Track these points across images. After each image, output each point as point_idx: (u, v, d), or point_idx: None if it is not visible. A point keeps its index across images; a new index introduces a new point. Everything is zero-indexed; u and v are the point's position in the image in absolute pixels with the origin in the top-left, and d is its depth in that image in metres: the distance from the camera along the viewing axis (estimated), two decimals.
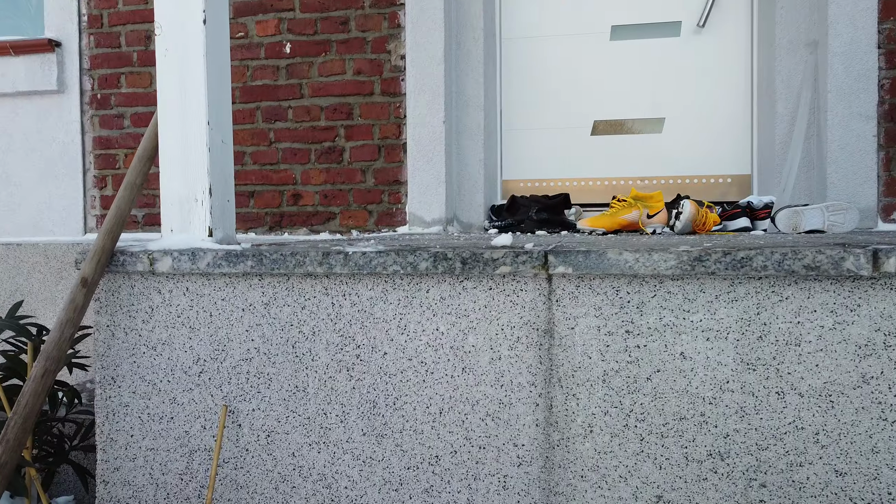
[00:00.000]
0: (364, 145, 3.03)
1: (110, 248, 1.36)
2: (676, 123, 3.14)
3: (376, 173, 3.03)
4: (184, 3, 1.28)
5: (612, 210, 2.24)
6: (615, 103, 3.20)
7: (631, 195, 2.26)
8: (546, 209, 2.60)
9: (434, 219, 2.95)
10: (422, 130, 2.95)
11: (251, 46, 3.12)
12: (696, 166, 3.14)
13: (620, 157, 3.20)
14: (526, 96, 3.27)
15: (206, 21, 1.27)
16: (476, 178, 3.06)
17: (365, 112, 3.02)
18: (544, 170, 3.28)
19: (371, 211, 3.04)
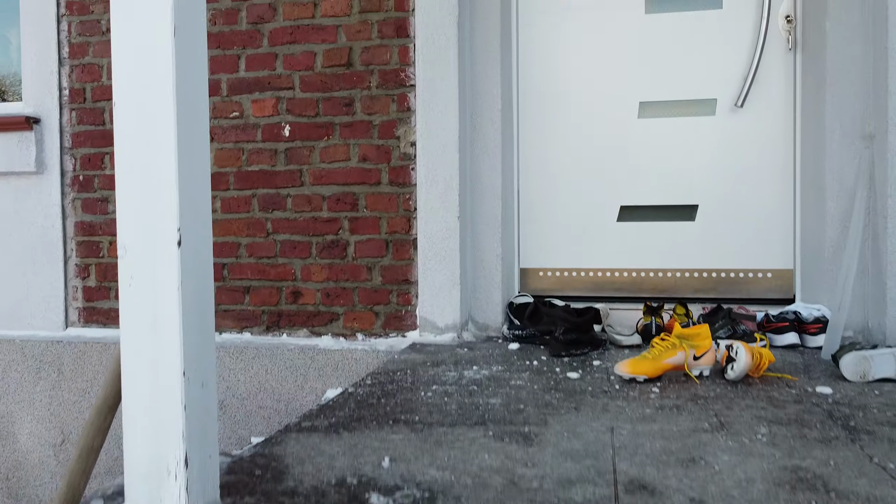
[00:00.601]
0: (370, 240, 2.76)
1: None
2: (710, 211, 2.87)
3: (384, 271, 2.76)
4: (153, 224, 1.01)
5: (654, 352, 1.97)
6: (643, 187, 2.93)
7: (674, 334, 1.99)
8: (574, 328, 2.33)
9: (447, 324, 2.68)
10: (434, 226, 2.67)
11: (247, 128, 2.85)
12: (731, 258, 2.87)
13: (648, 247, 2.93)
14: (546, 181, 3.00)
15: (181, 242, 1.00)
16: (493, 274, 2.79)
17: (371, 203, 2.75)
18: (565, 258, 3.01)
19: (378, 312, 2.77)
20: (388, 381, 2.01)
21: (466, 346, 2.53)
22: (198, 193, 1.07)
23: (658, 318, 2.58)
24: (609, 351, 2.42)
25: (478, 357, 2.34)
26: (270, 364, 2.75)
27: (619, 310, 2.84)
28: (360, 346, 2.70)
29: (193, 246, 1.02)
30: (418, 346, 2.55)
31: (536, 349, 2.48)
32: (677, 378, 2.00)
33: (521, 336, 2.60)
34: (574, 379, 2.01)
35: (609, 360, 2.26)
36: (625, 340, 2.50)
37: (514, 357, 2.33)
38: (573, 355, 2.35)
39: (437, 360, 2.30)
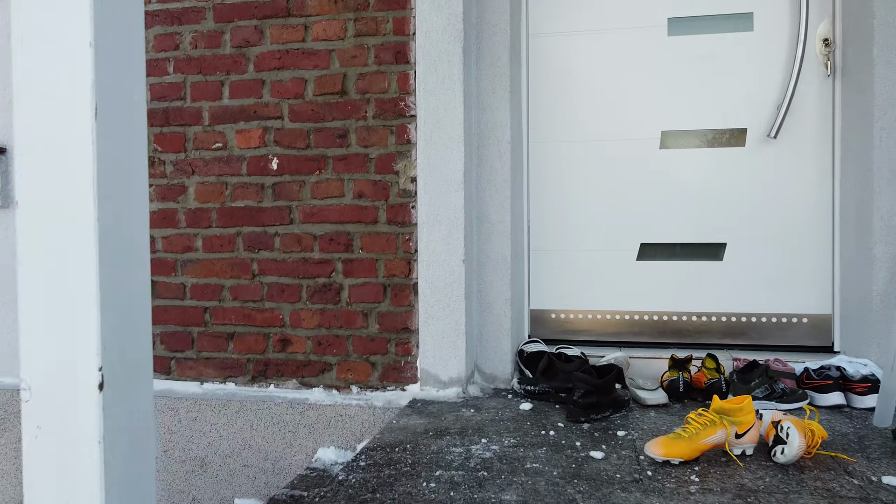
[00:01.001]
0: (366, 284, 2.51)
1: None
2: (740, 250, 2.62)
3: (381, 318, 2.50)
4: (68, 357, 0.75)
5: (690, 430, 1.72)
6: (665, 224, 2.68)
7: (713, 408, 1.74)
8: (595, 391, 2.08)
9: (451, 378, 2.42)
10: (437, 270, 2.42)
11: (231, 160, 2.60)
12: (763, 302, 2.61)
13: (671, 288, 2.68)
14: (559, 217, 2.75)
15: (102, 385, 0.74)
16: (501, 321, 2.53)
17: (367, 244, 2.50)
18: (581, 300, 2.76)
19: (375, 363, 2.51)
20: (385, 463, 1.75)
21: (473, 406, 2.27)
22: (131, 302, 0.81)
23: (685, 373, 2.32)
24: (633, 413, 2.17)
25: (486, 422, 2.08)
26: (256, 419, 2.49)
27: (641, 358, 2.59)
28: (355, 400, 2.45)
29: (123, 387, 0.77)
30: (419, 405, 2.29)
31: (551, 409, 2.22)
32: (716, 458, 1.75)
33: (533, 392, 2.35)
34: (598, 460, 1.76)
35: (635, 427, 2.00)
36: (649, 398, 2.24)
37: (528, 423, 2.08)
38: (593, 420, 2.09)
39: (440, 427, 2.05)
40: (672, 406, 2.25)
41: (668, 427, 2.02)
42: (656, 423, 2.05)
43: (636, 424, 2.05)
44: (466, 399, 2.36)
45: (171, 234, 2.66)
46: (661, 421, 2.08)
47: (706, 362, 2.35)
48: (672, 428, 2.01)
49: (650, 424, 2.05)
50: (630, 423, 2.07)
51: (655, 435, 1.95)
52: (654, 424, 2.04)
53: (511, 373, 2.55)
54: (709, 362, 2.35)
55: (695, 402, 2.29)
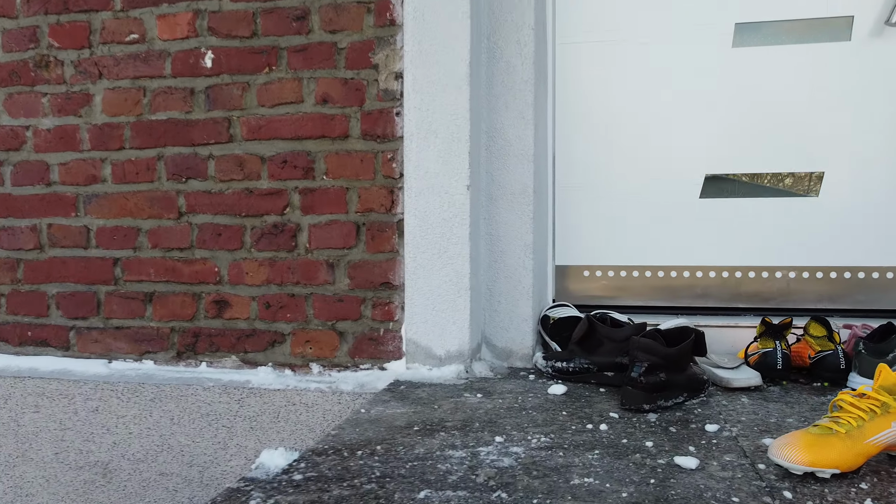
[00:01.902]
0: (332, 223, 1.81)
1: None
2: (843, 181, 1.93)
3: (352, 270, 1.81)
4: None
5: (844, 421, 1.02)
6: (739, 148, 1.98)
7: (881, 384, 1.04)
8: (664, 365, 1.38)
9: (449, 352, 1.73)
10: (430, 201, 1.73)
11: (150, 57, 1.90)
12: (875, 253, 1.92)
13: (747, 235, 1.99)
14: (596, 137, 2.06)
15: None
16: (519, 276, 1.84)
17: (334, 167, 1.81)
18: (623, 251, 2.06)
19: (343, 332, 1.82)
20: (337, 476, 1.06)
21: (480, 390, 1.58)
22: None
23: (783, 342, 1.62)
24: (716, 398, 1.47)
25: (501, 413, 1.39)
26: (179, 410, 1.80)
27: (709, 327, 1.89)
28: (315, 383, 1.75)
29: None
30: (403, 388, 1.60)
31: (594, 393, 1.53)
32: (884, 466, 1.05)
33: (566, 370, 1.65)
34: (691, 471, 1.06)
35: (729, 419, 1.31)
36: (735, 379, 1.55)
37: (564, 413, 1.38)
38: (662, 408, 1.40)
39: (431, 419, 1.35)
40: (768, 389, 1.56)
41: (778, 419, 1.32)
42: (758, 414, 1.36)
43: (729, 415, 1.35)
44: (470, 381, 1.67)
45: (70, 159, 1.96)
46: (762, 410, 1.38)
47: (811, 328, 1.65)
48: (785, 420, 1.31)
49: (749, 415, 1.35)
50: (718, 412, 1.37)
51: (762, 430, 1.25)
52: (756, 415, 1.35)
53: (532, 347, 1.85)
54: (815, 328, 1.65)
55: (798, 385, 1.60)
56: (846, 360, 1.58)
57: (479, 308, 1.82)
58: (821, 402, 1.45)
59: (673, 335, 1.50)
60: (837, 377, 1.57)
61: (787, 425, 1.28)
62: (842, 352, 1.58)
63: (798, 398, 1.48)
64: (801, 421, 1.31)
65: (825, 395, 1.50)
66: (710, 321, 1.92)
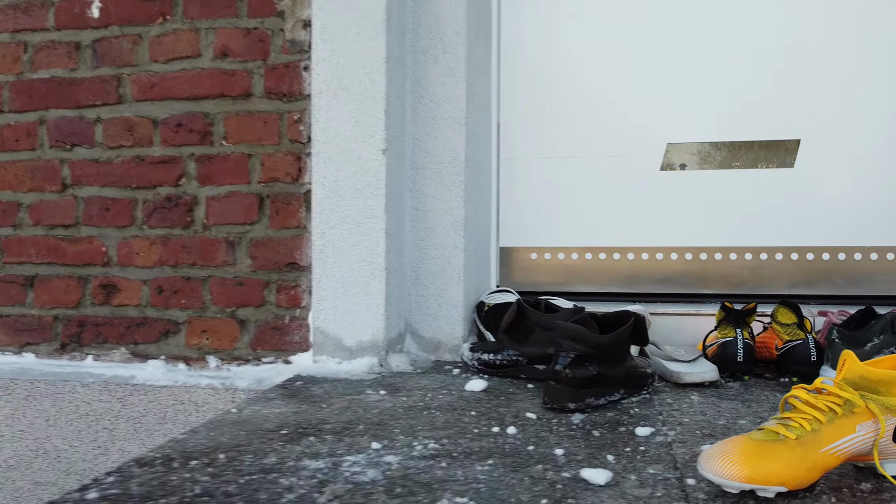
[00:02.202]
0: (232, 194, 1.58)
1: None
2: (821, 151, 1.70)
3: (255, 249, 1.58)
4: None
5: (796, 424, 0.79)
6: (705, 114, 1.75)
7: (845, 377, 0.80)
8: (595, 355, 1.15)
9: (362, 343, 1.49)
10: (341, 167, 1.49)
11: (32, 7, 1.67)
12: (858, 232, 1.69)
13: (714, 211, 1.75)
14: (542, 103, 1.83)
15: None
16: (450, 255, 1.60)
17: (235, 131, 1.58)
18: (576, 231, 1.83)
19: (245, 321, 1.59)
20: (144, 496, 0.82)
21: (388, 386, 1.34)
22: None
23: (745, 332, 1.39)
24: (661, 396, 1.24)
25: (397, 413, 1.15)
26: (56, 409, 1.57)
27: (667, 315, 1.66)
28: (209, 378, 1.52)
29: None
30: (299, 385, 1.36)
31: (521, 390, 1.29)
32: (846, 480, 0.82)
33: (492, 363, 1.42)
34: (600, 487, 0.82)
35: (668, 422, 1.07)
36: (688, 373, 1.31)
37: (472, 412, 1.15)
38: (591, 408, 1.16)
39: (310, 421, 1.12)
40: (726, 385, 1.32)
41: (729, 420, 1.09)
42: (706, 415, 1.13)
43: (670, 415, 1.12)
44: (382, 376, 1.43)
45: None
46: (712, 410, 1.15)
47: (779, 315, 1.42)
48: (737, 422, 1.08)
49: (695, 416, 1.12)
50: (658, 412, 1.14)
51: (705, 434, 1.02)
52: (704, 416, 1.12)
53: (463, 337, 1.62)
54: (784, 314, 1.41)
55: (763, 381, 1.37)
56: (818, 350, 1.34)
57: (402, 293, 1.58)
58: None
59: (610, 321, 1.27)
60: (808, 371, 1.34)
61: (739, 428, 1.05)
62: (813, 341, 1.35)
63: (759, 396, 1.25)
64: (755, 423, 1.07)
65: None
66: (672, 308, 1.69)
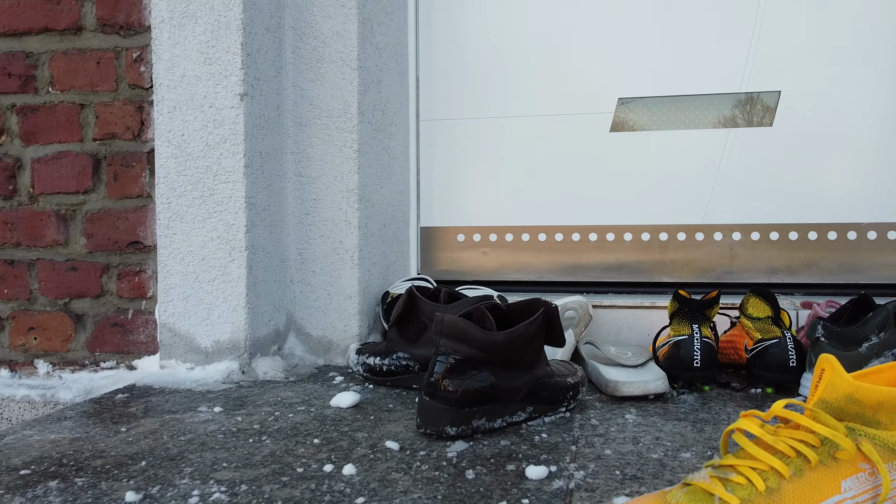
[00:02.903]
0: (62, 155, 1.26)
1: None
2: (806, 106, 1.37)
3: (90, 225, 1.25)
4: None
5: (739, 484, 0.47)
6: (665, 61, 1.43)
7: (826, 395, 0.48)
8: (491, 360, 0.82)
9: (219, 343, 1.17)
10: (190, 117, 1.17)
11: None
12: (852, 205, 1.36)
13: (675, 181, 1.43)
14: (478, 56, 1.51)
15: None
16: (342, 233, 1.28)
17: (63, 74, 1.25)
18: (507, 209, 1.51)
19: (81, 316, 1.26)
20: None
21: (234, 400, 1.02)
22: None
23: (705, 328, 1.06)
24: (587, 414, 0.91)
25: (213, 441, 0.83)
26: None
27: (616, 308, 1.34)
28: (29, 389, 1.20)
29: None
30: (123, 398, 1.04)
31: (402, 406, 0.97)
32: None
33: (378, 370, 1.09)
34: None
35: (584, 454, 0.75)
36: (628, 383, 0.99)
37: (316, 441, 0.82)
38: (481, 433, 0.84)
39: (83, 453, 0.79)
40: (677, 399, 1.00)
41: (668, 453, 0.76)
42: (639, 443, 0.80)
43: (589, 444, 0.79)
44: (240, 386, 1.11)
45: None
46: (648, 437, 0.83)
47: (749, 306, 1.10)
48: (678, 455, 0.76)
49: (623, 446, 0.79)
50: (572, 439, 0.81)
51: (629, 476, 0.69)
52: (634, 447, 0.79)
53: (363, 335, 1.29)
54: (755, 305, 1.09)
55: (728, 392, 1.05)
56: (799, 352, 1.02)
57: (280, 280, 1.26)
58: None
59: (521, 312, 0.94)
60: (786, 378, 1.02)
61: (678, 466, 0.73)
62: (792, 340, 1.03)
63: (718, 414, 0.92)
64: (704, 458, 0.75)
65: (764, 409, 0.94)
66: (623, 300, 1.36)
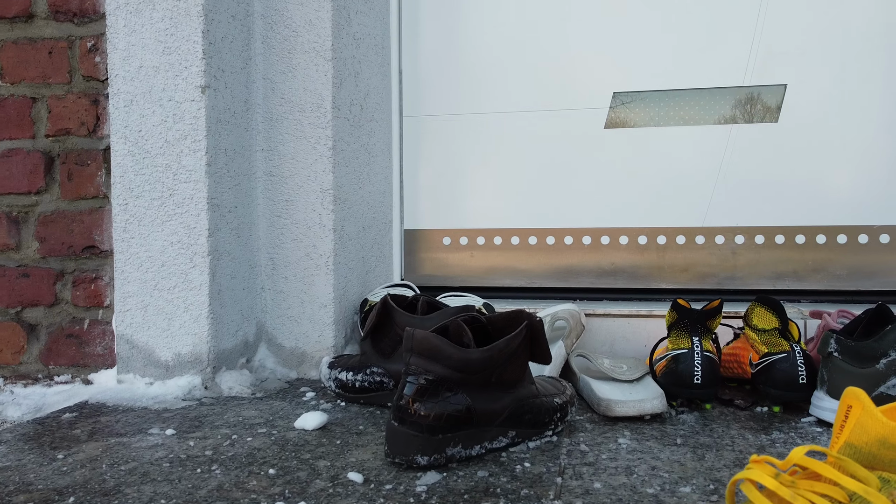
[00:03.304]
0: (13, 153, 1.17)
1: None
2: (813, 101, 1.29)
3: (43, 228, 1.16)
4: None
5: None
6: (662, 54, 1.34)
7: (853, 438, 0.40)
8: (466, 380, 0.73)
9: (180, 356, 1.08)
10: (148, 111, 1.08)
11: None
12: (863, 206, 1.28)
13: (673, 182, 1.34)
14: (464, 45, 1.42)
15: None
16: (316, 236, 1.19)
17: (14, 65, 1.16)
18: (495, 210, 1.42)
19: (34, 326, 1.17)
20: None
21: (191, 420, 0.93)
22: None
23: (706, 341, 0.97)
24: (576, 437, 0.82)
25: (157, 471, 0.74)
26: None
27: (610, 316, 1.25)
28: None
29: None
30: (70, 418, 0.95)
31: (373, 428, 0.88)
32: None
33: (350, 386, 1.00)
34: None
35: (567, 487, 0.66)
36: (620, 403, 0.90)
37: (272, 471, 0.73)
38: (456, 461, 0.75)
39: (6, 488, 0.70)
40: (675, 419, 0.91)
41: (664, 487, 0.67)
42: (632, 475, 0.71)
43: (576, 476, 0.70)
44: (202, 402, 1.02)
45: None
46: (643, 466, 0.74)
47: (754, 316, 1.01)
48: (677, 490, 0.67)
49: (614, 477, 0.70)
50: (559, 469, 0.72)
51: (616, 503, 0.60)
52: (627, 479, 0.70)
53: (338, 347, 1.21)
54: (761, 315, 1.00)
55: (731, 411, 0.96)
56: (809, 368, 0.93)
57: (249, 287, 1.17)
58: (760, 443, 0.81)
59: (504, 325, 0.85)
60: (795, 397, 0.93)
61: (679, 501, 0.64)
62: (802, 355, 0.94)
63: (721, 438, 0.83)
64: (706, 492, 0.66)
65: (770, 432, 0.85)
66: (619, 308, 1.28)
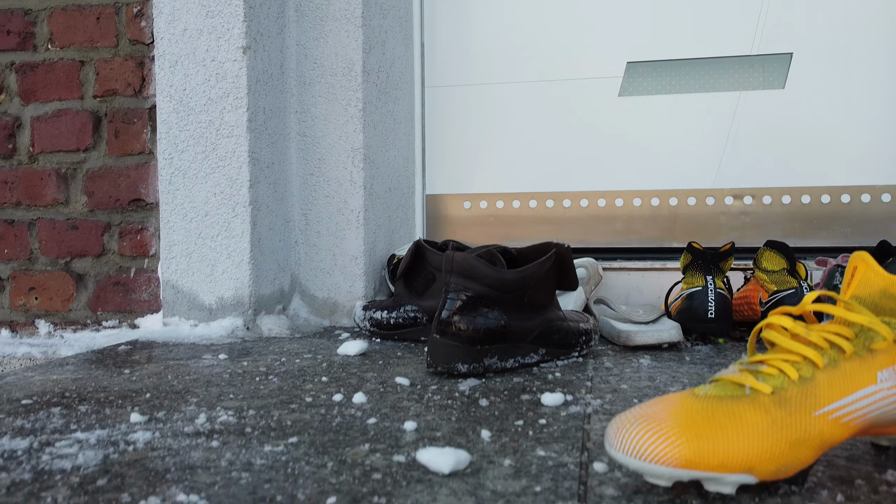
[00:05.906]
0: (62, 113, 1.24)
1: None
2: (818, 68, 1.35)
3: (91, 183, 1.23)
4: None
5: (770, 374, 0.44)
6: (672, 22, 1.41)
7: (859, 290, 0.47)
8: (503, 299, 0.80)
9: (223, 300, 1.15)
10: (192, 72, 1.15)
11: None
12: (865, 168, 1.34)
13: (684, 146, 1.41)
14: (480, 17, 1.49)
15: None
16: (347, 193, 1.26)
17: (62, 31, 1.23)
18: (512, 175, 1.49)
19: (82, 276, 1.24)
20: None
21: (239, 351, 0.99)
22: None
23: (719, 280, 1.04)
24: (600, 360, 0.89)
25: (218, 380, 0.81)
26: None
27: (625, 270, 1.32)
28: (30, 347, 1.18)
29: None
30: (125, 349, 1.02)
31: (411, 354, 0.95)
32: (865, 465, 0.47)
33: (388, 324, 1.07)
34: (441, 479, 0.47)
35: (596, 388, 0.73)
36: (641, 334, 0.97)
37: (324, 379, 0.80)
38: (493, 372, 0.81)
39: (87, 389, 0.77)
40: (692, 349, 0.98)
41: (688, 386, 0.74)
42: (653, 381, 0.78)
43: (603, 381, 0.77)
44: (245, 341, 1.09)
45: None
46: (663, 376, 0.81)
47: (763, 259, 1.08)
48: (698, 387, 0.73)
49: (639, 382, 0.77)
50: (586, 378, 0.79)
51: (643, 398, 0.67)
52: (650, 382, 0.77)
53: (369, 297, 1.27)
54: (770, 259, 1.07)
55: (743, 342, 1.03)
56: None
57: (285, 239, 1.24)
58: None
59: (530, 256, 0.92)
60: None
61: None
62: (809, 290, 1.00)
63: (731, 360, 0.90)
64: None
65: None
66: (634, 263, 1.34)
